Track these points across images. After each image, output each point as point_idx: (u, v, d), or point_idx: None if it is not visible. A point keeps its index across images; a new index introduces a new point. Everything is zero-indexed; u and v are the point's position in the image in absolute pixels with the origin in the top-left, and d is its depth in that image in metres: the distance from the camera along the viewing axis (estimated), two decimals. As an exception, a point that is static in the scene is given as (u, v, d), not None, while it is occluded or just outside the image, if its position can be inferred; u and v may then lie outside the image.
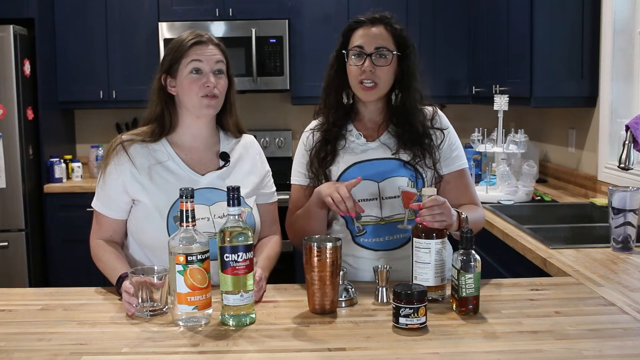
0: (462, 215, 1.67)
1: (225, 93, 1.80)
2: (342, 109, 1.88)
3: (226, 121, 1.87)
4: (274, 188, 1.98)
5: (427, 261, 1.58)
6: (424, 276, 1.59)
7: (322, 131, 1.89)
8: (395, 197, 1.81)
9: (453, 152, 1.88)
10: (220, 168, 1.83)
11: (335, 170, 1.86)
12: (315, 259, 1.51)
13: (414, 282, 1.60)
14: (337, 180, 1.84)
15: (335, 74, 1.87)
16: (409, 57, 1.82)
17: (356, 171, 1.83)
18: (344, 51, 1.83)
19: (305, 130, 1.96)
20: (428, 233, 1.58)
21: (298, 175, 1.94)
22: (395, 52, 1.79)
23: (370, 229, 1.84)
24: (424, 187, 1.81)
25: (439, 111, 1.91)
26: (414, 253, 1.61)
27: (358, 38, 1.80)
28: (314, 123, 1.96)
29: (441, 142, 1.86)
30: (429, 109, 1.88)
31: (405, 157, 1.83)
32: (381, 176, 1.82)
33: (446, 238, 1.62)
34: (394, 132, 1.86)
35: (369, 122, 1.89)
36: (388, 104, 1.87)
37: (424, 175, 1.83)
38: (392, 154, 1.83)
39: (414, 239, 1.61)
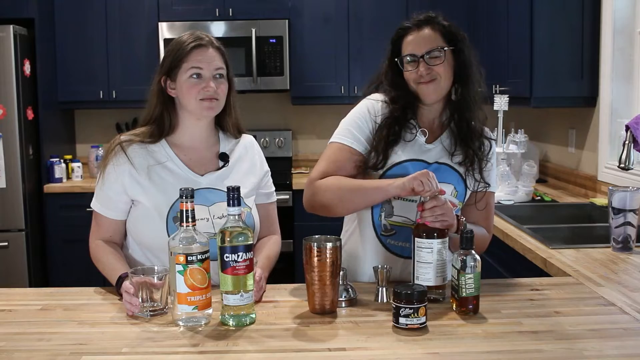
0: (462, 219, 1.67)
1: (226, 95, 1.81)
2: (406, 98, 1.80)
3: (225, 122, 1.87)
4: (273, 188, 1.97)
5: (429, 261, 1.58)
6: (426, 276, 1.59)
7: (391, 113, 1.80)
8: None
9: (491, 172, 1.87)
10: (219, 168, 1.83)
11: (393, 158, 1.79)
12: (315, 259, 1.51)
13: (416, 282, 1.60)
14: (388, 170, 1.78)
15: (391, 79, 1.83)
16: (462, 50, 1.79)
17: (401, 169, 1.78)
18: (396, 59, 1.79)
19: (371, 98, 1.85)
20: (429, 233, 1.58)
21: (350, 135, 1.80)
22: (446, 48, 1.76)
23: (400, 230, 1.80)
24: (464, 198, 1.81)
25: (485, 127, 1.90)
26: (416, 253, 1.60)
27: (408, 45, 1.78)
28: (377, 96, 1.85)
29: (489, 152, 1.85)
30: (482, 115, 1.86)
31: (457, 159, 1.81)
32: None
33: (447, 238, 1.62)
34: (453, 132, 1.83)
35: (429, 122, 1.85)
36: (448, 101, 1.83)
37: (468, 184, 1.82)
38: (450, 157, 1.81)
39: (416, 239, 1.61)
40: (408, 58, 1.77)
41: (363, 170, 1.79)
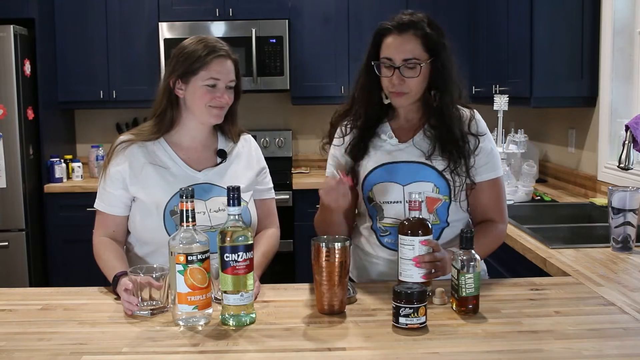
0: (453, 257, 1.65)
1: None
2: (377, 107, 1.85)
3: (228, 129, 1.92)
4: (271, 185, 2.01)
5: (411, 257, 1.59)
6: (408, 272, 1.60)
7: (358, 126, 1.86)
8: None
9: (487, 161, 1.82)
10: (217, 164, 1.87)
11: (364, 168, 1.84)
12: (324, 259, 1.51)
13: (400, 277, 1.62)
14: (363, 180, 1.84)
15: (368, 76, 1.82)
16: (440, 58, 1.75)
17: (381, 173, 1.82)
18: (373, 62, 1.78)
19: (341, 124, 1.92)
20: (414, 230, 1.59)
21: (328, 167, 1.93)
22: (423, 64, 1.73)
23: (394, 230, 1.81)
24: (450, 193, 1.79)
25: (477, 115, 1.85)
26: (400, 249, 1.62)
27: (387, 48, 1.76)
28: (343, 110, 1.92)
29: (475, 148, 1.80)
30: (465, 112, 1.83)
31: (437, 162, 1.79)
32: (407, 179, 1.80)
33: (431, 236, 1.62)
34: (429, 133, 1.81)
35: (405, 121, 1.86)
36: (425, 103, 1.81)
37: (450, 182, 1.79)
38: (426, 158, 1.79)
39: (400, 235, 1.61)
40: (385, 62, 1.76)
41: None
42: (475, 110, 1.86)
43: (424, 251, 1.60)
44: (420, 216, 1.61)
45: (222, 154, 1.89)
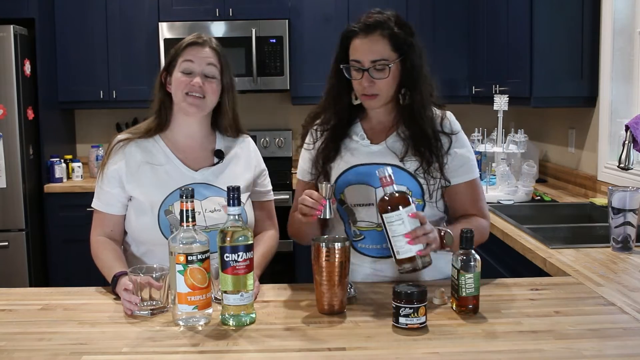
0: (442, 233, 1.63)
1: (220, 97, 1.83)
2: (346, 109, 1.83)
3: (221, 123, 1.90)
4: (270, 187, 2.01)
5: (404, 232, 1.53)
6: (406, 247, 1.54)
7: (329, 128, 1.85)
8: None
9: (462, 162, 1.79)
10: (214, 164, 1.87)
11: (336, 170, 1.82)
12: (324, 259, 1.51)
13: (397, 257, 1.55)
14: (335, 182, 1.81)
15: (338, 80, 1.81)
16: (410, 58, 1.73)
17: (353, 175, 1.79)
18: (342, 66, 1.76)
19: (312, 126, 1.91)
20: (394, 205, 1.53)
21: (300, 169, 1.93)
22: (391, 64, 1.71)
23: (367, 234, 1.80)
24: (424, 196, 1.76)
25: (449, 115, 1.83)
26: (388, 229, 1.54)
27: (355, 50, 1.74)
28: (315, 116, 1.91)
29: (448, 148, 1.77)
30: (438, 112, 1.81)
31: (410, 163, 1.76)
32: (379, 182, 1.74)
33: (412, 205, 1.55)
34: (403, 134, 1.78)
35: (377, 124, 1.84)
36: (397, 104, 1.79)
37: (424, 185, 1.76)
38: (400, 160, 1.76)
39: (383, 215, 1.54)
40: (354, 65, 1.74)
41: None
42: (448, 111, 1.84)
43: (414, 224, 1.54)
44: (397, 189, 1.56)
45: (220, 154, 1.89)
